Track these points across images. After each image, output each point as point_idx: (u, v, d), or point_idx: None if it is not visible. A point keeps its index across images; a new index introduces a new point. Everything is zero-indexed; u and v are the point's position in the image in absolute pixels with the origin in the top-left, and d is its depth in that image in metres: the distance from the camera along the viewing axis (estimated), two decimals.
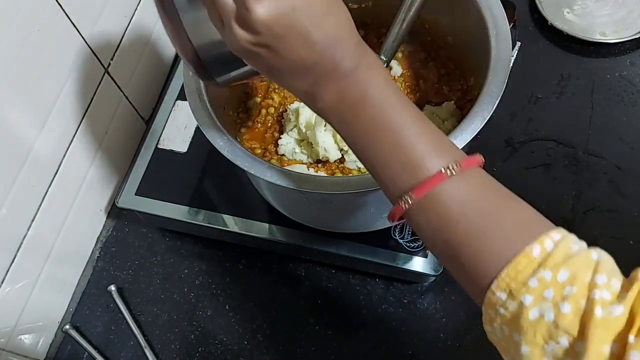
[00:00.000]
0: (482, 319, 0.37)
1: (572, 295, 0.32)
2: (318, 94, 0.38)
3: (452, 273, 0.39)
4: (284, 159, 0.68)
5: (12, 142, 0.60)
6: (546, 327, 0.33)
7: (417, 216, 0.38)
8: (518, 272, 0.34)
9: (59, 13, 0.62)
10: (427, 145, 0.37)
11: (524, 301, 0.33)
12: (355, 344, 0.69)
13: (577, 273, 0.33)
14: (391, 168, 0.38)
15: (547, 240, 0.34)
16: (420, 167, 0.36)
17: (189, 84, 0.57)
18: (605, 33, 0.87)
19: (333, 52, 0.36)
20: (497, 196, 0.37)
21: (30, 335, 0.69)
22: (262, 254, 0.75)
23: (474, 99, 0.54)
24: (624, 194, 0.75)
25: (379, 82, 0.37)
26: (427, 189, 0.36)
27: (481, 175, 0.38)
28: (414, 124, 0.37)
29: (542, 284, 0.33)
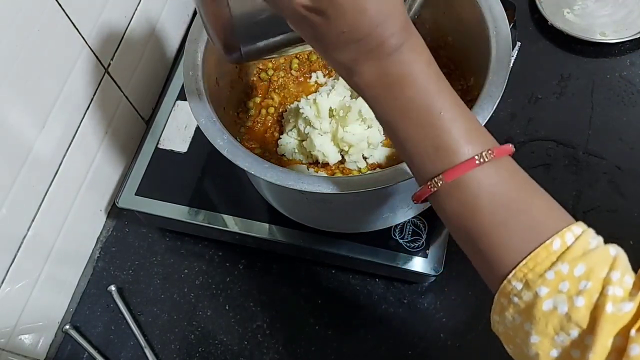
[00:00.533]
0: (492, 307, 0.38)
1: (587, 290, 0.33)
2: (358, 69, 0.37)
3: (470, 257, 0.39)
4: (284, 159, 0.68)
5: (12, 142, 0.60)
6: (559, 319, 0.33)
7: (443, 200, 0.38)
8: (537, 263, 0.34)
9: (59, 13, 0.62)
10: (462, 130, 0.37)
11: (539, 292, 0.34)
12: (355, 344, 0.69)
13: (594, 268, 0.34)
14: (423, 150, 0.38)
15: (568, 233, 0.35)
16: (454, 151, 0.36)
17: (189, 84, 0.57)
18: (605, 33, 0.87)
19: (383, 28, 0.35)
20: (523, 187, 0.38)
21: (30, 335, 0.69)
22: (262, 254, 0.75)
23: (474, 99, 0.54)
24: (624, 194, 0.75)
25: (422, 64, 0.37)
26: (459, 173, 0.36)
27: (511, 165, 0.38)
28: (451, 108, 0.37)
29: (559, 277, 0.34)
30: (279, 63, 0.74)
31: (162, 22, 0.84)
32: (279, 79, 0.73)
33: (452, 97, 0.38)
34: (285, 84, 0.73)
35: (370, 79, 0.37)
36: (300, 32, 0.38)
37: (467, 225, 0.37)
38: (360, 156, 0.66)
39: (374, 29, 0.35)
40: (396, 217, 0.65)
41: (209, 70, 0.60)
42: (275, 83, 0.73)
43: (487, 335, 0.67)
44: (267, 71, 0.74)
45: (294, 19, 0.37)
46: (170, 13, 0.85)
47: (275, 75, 0.74)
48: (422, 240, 0.66)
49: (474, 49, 0.61)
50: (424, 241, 0.66)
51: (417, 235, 0.66)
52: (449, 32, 0.69)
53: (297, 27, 0.38)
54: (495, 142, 0.38)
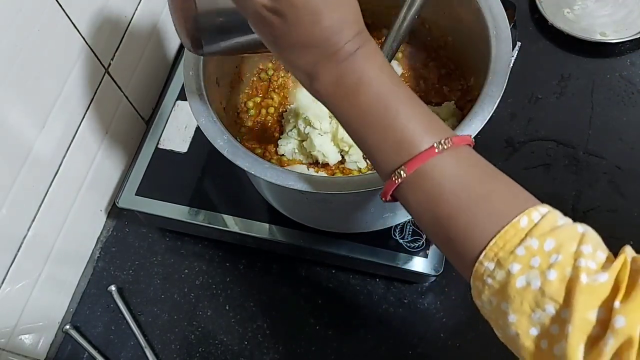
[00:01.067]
0: (472, 294, 0.38)
1: (558, 263, 0.33)
2: (316, 75, 0.39)
3: (442, 249, 0.40)
4: (284, 159, 0.68)
5: (12, 142, 0.60)
6: (532, 294, 0.34)
7: (408, 192, 0.39)
8: (506, 241, 0.35)
9: (59, 13, 0.62)
10: (419, 124, 0.38)
11: (512, 269, 0.34)
12: (355, 344, 0.69)
13: (563, 242, 0.34)
14: (385, 147, 0.39)
15: (534, 212, 0.35)
16: (413, 143, 0.38)
17: (189, 84, 0.57)
18: (605, 33, 0.86)
19: (340, 36, 0.37)
20: (485, 173, 0.38)
21: (30, 335, 0.69)
22: (262, 254, 0.75)
23: (474, 99, 0.54)
24: (624, 194, 0.75)
25: (376, 66, 0.38)
26: (419, 162, 0.37)
27: (470, 153, 0.39)
28: (407, 105, 0.38)
29: (529, 252, 0.34)
30: (278, 63, 0.75)
31: (162, 22, 0.84)
32: (279, 79, 0.74)
33: (408, 95, 0.39)
34: (285, 83, 0.73)
35: (329, 84, 0.39)
36: (260, 33, 0.39)
37: (433, 214, 0.38)
38: (361, 156, 0.66)
39: (332, 35, 0.37)
40: (396, 217, 0.65)
41: (209, 70, 0.60)
42: (275, 83, 0.73)
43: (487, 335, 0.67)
44: (267, 71, 0.74)
45: (255, 18, 0.38)
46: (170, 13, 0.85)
47: (275, 75, 0.74)
48: (422, 240, 0.66)
49: (474, 49, 0.61)
50: (424, 241, 0.66)
51: (417, 235, 0.66)
52: (449, 32, 0.69)
53: (257, 27, 0.39)
54: (453, 132, 0.39)
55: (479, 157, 0.39)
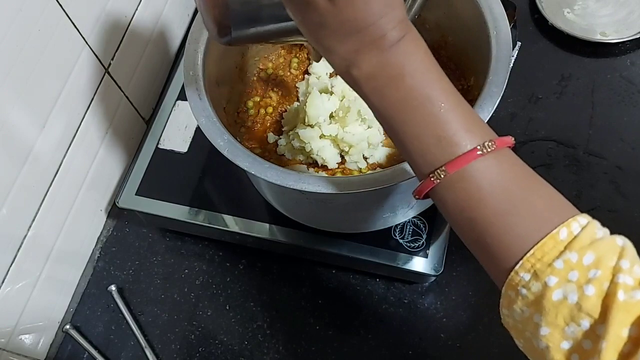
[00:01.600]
0: (500, 302, 0.37)
1: (597, 278, 0.33)
2: (357, 61, 0.37)
3: (474, 252, 0.38)
4: (284, 159, 0.68)
5: (12, 142, 0.60)
6: (569, 308, 0.33)
7: (446, 193, 0.37)
8: (544, 253, 0.34)
9: (59, 13, 0.62)
10: (462, 121, 0.37)
11: (548, 282, 0.34)
12: (355, 344, 0.69)
13: (603, 257, 0.33)
14: (424, 142, 0.37)
15: (574, 223, 0.35)
16: (456, 142, 0.36)
17: (189, 84, 0.57)
18: (605, 33, 0.86)
19: (386, 20, 0.35)
20: (526, 178, 0.37)
21: (30, 335, 0.69)
22: (262, 254, 0.75)
23: (474, 99, 0.54)
24: (625, 194, 0.75)
25: (421, 56, 0.37)
26: (462, 164, 0.36)
27: (512, 156, 0.38)
28: (451, 99, 0.37)
29: (568, 266, 0.33)
30: (278, 63, 0.75)
31: (162, 22, 0.84)
32: (278, 79, 0.73)
33: (451, 89, 0.38)
34: (284, 83, 0.73)
35: (370, 71, 0.37)
36: (302, 18, 0.37)
37: (470, 217, 0.37)
38: (361, 156, 0.66)
39: (378, 19, 0.35)
40: (396, 217, 0.65)
41: (209, 70, 0.60)
42: (274, 82, 0.73)
43: (487, 335, 0.68)
44: (266, 71, 0.74)
45: (299, 2, 0.36)
46: (170, 13, 0.85)
47: (275, 75, 0.74)
48: (423, 240, 0.66)
49: (474, 49, 0.61)
50: (424, 241, 0.66)
51: (417, 235, 0.66)
52: (449, 32, 0.68)
53: (300, 12, 0.37)
54: (494, 133, 0.38)
55: (520, 162, 0.38)
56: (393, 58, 0.36)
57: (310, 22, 0.37)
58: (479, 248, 0.38)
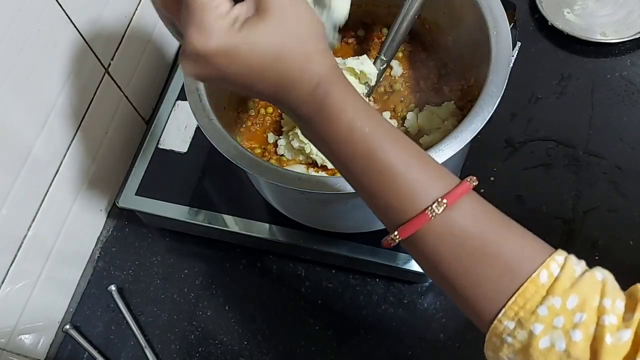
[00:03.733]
0: (485, 346, 0.36)
1: (583, 323, 0.32)
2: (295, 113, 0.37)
3: (455, 302, 0.38)
4: (284, 159, 0.68)
5: (12, 142, 0.60)
6: (557, 356, 0.32)
7: (410, 250, 0.37)
8: (526, 299, 0.33)
9: (59, 13, 0.62)
10: (410, 182, 0.35)
11: (534, 330, 0.33)
12: (355, 344, 0.69)
13: (586, 298, 0.32)
14: (378, 206, 0.37)
15: (552, 263, 0.34)
16: (402, 208, 0.35)
17: (189, 84, 0.57)
18: (605, 33, 0.86)
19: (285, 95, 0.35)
20: (490, 228, 0.35)
21: (30, 335, 0.69)
22: (262, 254, 0.75)
23: (474, 99, 0.54)
24: (624, 194, 0.75)
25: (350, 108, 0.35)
26: (410, 231, 0.35)
27: (472, 206, 0.35)
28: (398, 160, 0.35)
29: (552, 312, 0.32)
30: None
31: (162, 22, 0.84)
32: None
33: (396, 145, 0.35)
34: None
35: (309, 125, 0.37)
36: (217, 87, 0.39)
37: (437, 273, 0.36)
38: None
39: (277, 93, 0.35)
40: None
41: None
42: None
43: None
44: None
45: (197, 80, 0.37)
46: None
47: None
48: None
49: (474, 49, 0.61)
50: None
51: None
52: (449, 32, 0.68)
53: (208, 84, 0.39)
54: (453, 180, 0.36)
55: (480, 208, 0.36)
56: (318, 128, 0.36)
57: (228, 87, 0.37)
58: (457, 301, 0.37)
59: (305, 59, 0.34)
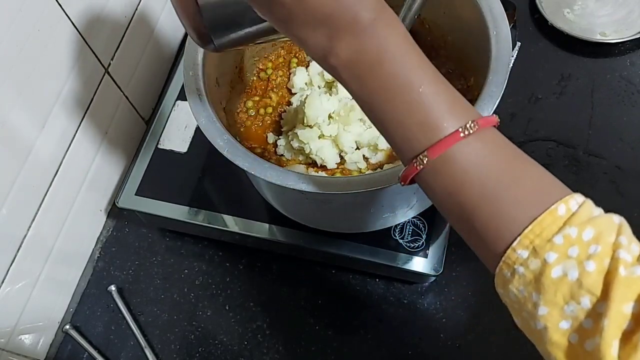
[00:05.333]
0: (495, 282, 0.36)
1: (597, 254, 0.32)
2: (333, 49, 0.36)
3: (466, 238, 0.38)
4: (283, 159, 0.68)
5: (12, 142, 0.60)
6: (569, 286, 0.32)
7: (431, 179, 0.37)
8: (543, 228, 0.33)
9: (59, 13, 0.62)
10: (443, 104, 0.36)
11: (548, 258, 0.33)
12: (355, 344, 0.69)
13: (602, 232, 0.33)
14: (406, 127, 0.36)
15: (571, 200, 0.34)
16: (437, 126, 0.35)
17: (189, 84, 0.57)
18: (605, 33, 0.86)
19: (356, 5, 0.34)
20: (515, 158, 0.36)
21: (30, 335, 0.69)
22: (262, 254, 0.75)
23: (474, 99, 0.54)
24: (624, 194, 0.75)
25: (398, 38, 0.36)
26: (443, 149, 0.35)
27: (497, 136, 0.37)
28: (432, 82, 0.36)
29: (568, 241, 0.32)
30: (278, 62, 0.75)
31: (162, 22, 0.84)
32: (278, 78, 0.73)
33: (432, 71, 0.37)
34: (283, 83, 0.73)
35: (348, 58, 0.36)
36: (270, 15, 0.37)
37: (458, 201, 0.36)
38: (361, 156, 0.66)
39: (346, 5, 0.34)
40: (396, 217, 0.65)
41: (209, 70, 0.60)
42: (273, 82, 0.73)
43: (486, 335, 0.68)
44: (266, 71, 0.74)
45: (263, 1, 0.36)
46: (170, 13, 0.85)
47: (274, 75, 0.74)
48: (422, 240, 0.66)
49: (474, 49, 0.61)
50: (424, 241, 0.66)
51: (417, 235, 0.66)
52: (449, 32, 0.69)
53: (267, 9, 0.37)
54: (479, 114, 0.37)
55: (506, 141, 0.37)
56: (369, 43, 0.35)
57: (279, 17, 0.37)
58: (469, 233, 0.37)
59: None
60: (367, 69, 0.36)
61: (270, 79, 0.74)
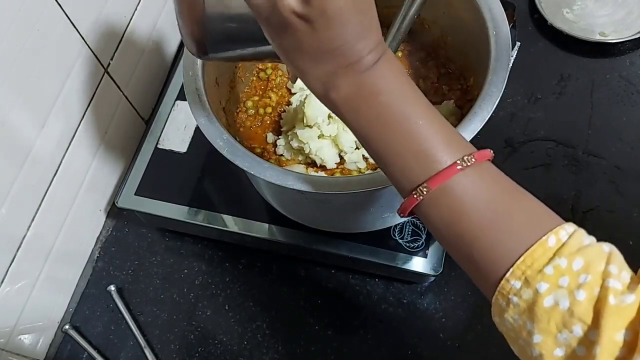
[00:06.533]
0: (492, 311, 0.38)
1: (587, 283, 0.33)
2: (334, 84, 0.37)
3: (463, 266, 0.39)
4: (283, 159, 0.68)
5: (12, 142, 0.60)
6: (560, 315, 0.33)
7: (430, 209, 0.38)
8: (534, 260, 0.34)
9: (59, 13, 0.62)
10: (440, 136, 0.37)
11: (539, 289, 0.34)
12: (355, 344, 0.69)
13: (592, 262, 0.34)
14: (404, 159, 0.37)
15: (561, 231, 0.35)
16: (435, 158, 0.36)
17: (188, 84, 0.57)
18: (605, 33, 0.87)
19: (362, 45, 0.36)
20: (509, 190, 0.38)
21: (30, 335, 0.69)
22: (262, 254, 0.75)
23: (473, 99, 0.54)
24: (624, 194, 0.75)
25: (396, 75, 0.37)
26: (443, 180, 0.36)
27: (492, 169, 0.38)
28: (428, 115, 0.37)
29: (558, 272, 0.34)
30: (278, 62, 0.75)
31: (161, 22, 0.84)
32: (277, 78, 0.73)
33: (428, 106, 0.38)
34: (283, 83, 0.73)
35: (347, 93, 0.37)
36: (279, 41, 0.37)
37: (456, 232, 0.37)
38: (360, 156, 0.66)
39: (355, 44, 0.35)
40: (396, 217, 0.65)
41: (209, 70, 0.60)
42: (273, 82, 0.73)
43: (487, 335, 0.68)
44: (265, 71, 0.74)
45: (277, 24, 0.36)
46: (169, 13, 0.85)
47: (274, 75, 0.74)
48: (422, 240, 0.66)
49: (473, 49, 0.61)
50: (423, 241, 0.66)
51: (416, 235, 0.66)
52: (448, 32, 0.69)
53: (278, 35, 0.37)
54: (473, 147, 0.38)
55: (500, 173, 0.38)
56: (369, 80, 0.37)
57: (287, 45, 0.37)
58: (467, 262, 0.38)
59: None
60: (366, 102, 0.37)
61: (269, 78, 0.74)
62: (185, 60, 0.59)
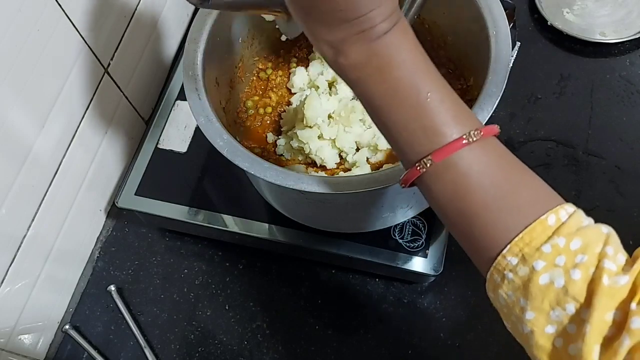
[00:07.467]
0: (486, 286, 0.38)
1: (583, 263, 0.33)
2: (345, 50, 0.36)
3: (460, 242, 0.39)
4: (283, 159, 0.68)
5: (12, 142, 0.60)
6: (555, 293, 0.34)
7: (432, 182, 0.37)
8: (532, 238, 0.34)
9: (59, 13, 0.62)
10: (449, 111, 0.37)
11: (536, 266, 0.34)
12: (355, 344, 0.69)
13: (589, 243, 0.34)
14: (410, 131, 0.37)
15: (561, 211, 0.35)
16: (442, 131, 0.36)
17: (188, 84, 0.57)
18: (605, 33, 0.87)
19: (377, 12, 0.35)
20: (513, 167, 0.38)
21: (30, 335, 0.69)
22: (262, 254, 0.75)
23: (473, 99, 0.54)
24: (624, 194, 0.75)
25: (409, 47, 0.37)
26: (447, 153, 0.36)
27: (498, 145, 0.38)
28: (438, 89, 0.37)
29: (555, 250, 0.34)
30: (278, 62, 0.75)
31: (161, 22, 0.84)
32: (278, 78, 0.74)
33: (439, 79, 0.37)
34: (283, 83, 0.73)
35: (358, 60, 0.36)
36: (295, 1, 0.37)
37: (457, 206, 0.37)
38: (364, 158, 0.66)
39: (369, 11, 0.35)
40: (396, 217, 0.65)
41: (209, 70, 0.60)
42: (273, 82, 0.73)
43: (486, 334, 0.68)
44: (265, 70, 0.74)
45: None
46: (170, 13, 0.85)
47: (274, 74, 0.74)
48: (422, 240, 0.66)
49: (473, 49, 0.61)
50: (423, 241, 0.66)
51: (416, 235, 0.66)
52: (449, 32, 0.69)
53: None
54: (481, 123, 0.38)
55: (506, 151, 0.38)
56: (380, 49, 0.36)
57: (302, 6, 0.37)
58: (465, 237, 0.38)
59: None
60: (376, 72, 0.37)
61: (270, 78, 0.74)
62: (185, 60, 0.59)
